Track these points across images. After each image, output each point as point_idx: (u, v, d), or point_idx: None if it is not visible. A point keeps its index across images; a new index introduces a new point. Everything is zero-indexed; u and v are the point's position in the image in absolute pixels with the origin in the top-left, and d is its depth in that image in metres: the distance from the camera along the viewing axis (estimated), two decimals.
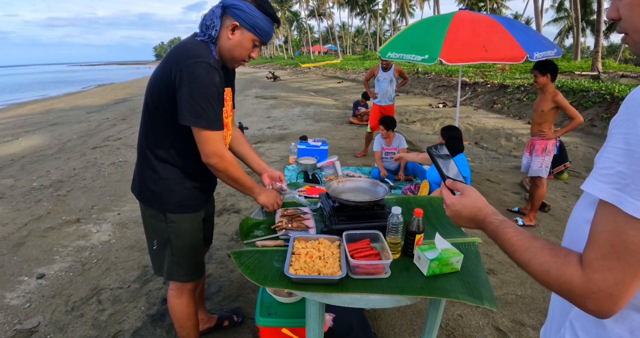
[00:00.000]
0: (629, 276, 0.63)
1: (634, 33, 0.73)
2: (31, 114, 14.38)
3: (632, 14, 0.72)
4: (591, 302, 0.66)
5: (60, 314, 2.68)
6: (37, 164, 6.69)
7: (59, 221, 4.26)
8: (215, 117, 1.60)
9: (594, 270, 0.66)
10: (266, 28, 1.63)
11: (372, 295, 1.39)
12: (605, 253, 0.65)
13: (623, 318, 0.71)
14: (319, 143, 6.01)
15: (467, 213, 0.97)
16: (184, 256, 1.87)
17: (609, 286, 0.64)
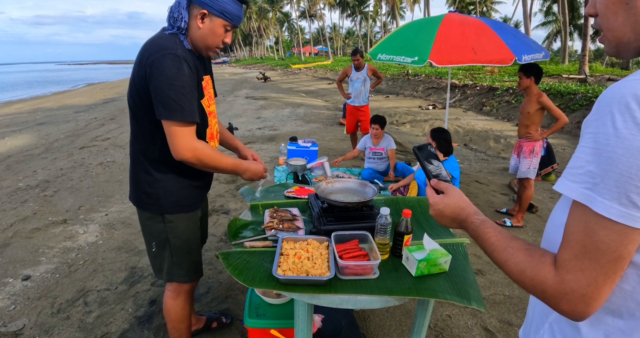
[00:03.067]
0: (601, 277, 0.63)
1: (608, 31, 0.75)
2: (18, 113, 14.17)
3: (607, 11, 0.73)
4: (564, 303, 0.67)
5: (46, 316, 2.64)
6: (23, 164, 6.60)
7: (45, 222, 4.21)
8: (190, 108, 1.56)
9: (566, 270, 0.66)
10: (235, 11, 1.60)
11: (361, 296, 1.39)
12: (577, 254, 0.65)
13: (598, 323, 0.71)
14: (309, 144, 6.00)
15: (449, 212, 0.98)
16: (184, 256, 1.86)
17: (581, 287, 0.65)
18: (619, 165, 0.60)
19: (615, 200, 0.61)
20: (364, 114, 6.35)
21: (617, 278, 0.64)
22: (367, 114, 6.38)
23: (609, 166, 0.61)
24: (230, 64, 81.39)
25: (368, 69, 6.12)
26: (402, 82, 18.93)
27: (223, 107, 13.63)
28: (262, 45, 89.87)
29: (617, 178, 0.60)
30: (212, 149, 1.66)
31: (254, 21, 73.39)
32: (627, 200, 0.60)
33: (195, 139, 1.61)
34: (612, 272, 0.63)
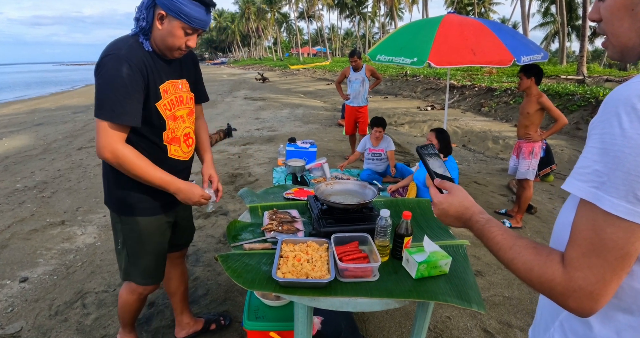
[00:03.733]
0: (608, 274, 0.65)
1: (612, 36, 0.77)
2: (16, 114, 14.14)
3: (612, 17, 0.75)
4: (572, 300, 0.68)
5: (44, 319, 2.62)
6: (21, 165, 6.58)
7: (43, 223, 4.19)
8: (121, 109, 1.54)
9: (574, 268, 0.67)
10: (194, 14, 1.55)
11: (361, 299, 1.38)
12: (585, 252, 0.66)
13: (609, 320, 0.72)
14: (308, 145, 6.00)
15: (453, 211, 0.98)
16: (139, 258, 1.86)
17: (589, 284, 0.66)
18: (626, 164, 0.61)
19: (623, 198, 0.62)
20: (362, 114, 6.35)
21: (624, 275, 0.65)
22: (366, 114, 6.38)
23: (615, 165, 0.63)
24: (229, 64, 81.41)
25: (366, 70, 6.12)
26: (400, 82, 18.94)
27: (221, 107, 13.62)
28: (261, 45, 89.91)
29: (624, 177, 0.62)
30: (138, 157, 1.61)
31: (252, 22, 73.41)
32: (634, 198, 0.61)
33: (120, 141, 1.58)
34: (620, 269, 0.64)
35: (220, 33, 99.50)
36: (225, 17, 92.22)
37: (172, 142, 1.79)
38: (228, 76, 35.89)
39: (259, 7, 69.56)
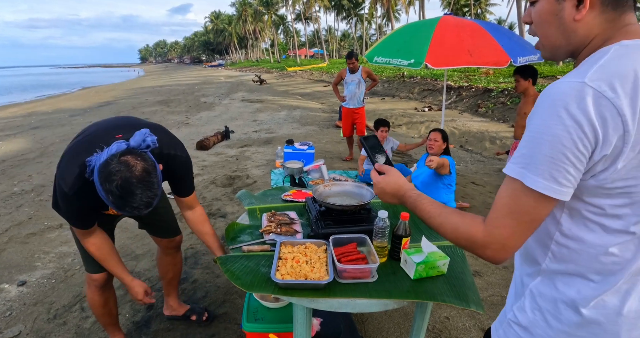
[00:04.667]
0: (518, 232, 0.82)
1: (543, 37, 0.90)
2: (12, 117, 14.10)
3: (541, 20, 0.88)
4: (490, 250, 0.85)
5: (42, 322, 2.62)
6: (18, 168, 6.56)
7: (41, 227, 4.18)
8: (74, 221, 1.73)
9: (493, 226, 0.84)
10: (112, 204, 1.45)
11: (360, 300, 1.39)
12: (503, 214, 0.83)
13: (571, 283, 0.86)
14: (305, 147, 6.01)
15: (390, 189, 1.15)
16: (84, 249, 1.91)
17: (503, 238, 0.82)
18: (545, 149, 0.76)
19: (540, 176, 0.77)
20: (359, 116, 6.36)
21: (529, 234, 0.83)
22: (363, 116, 6.38)
23: (540, 150, 0.77)
24: (226, 66, 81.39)
25: (363, 71, 6.13)
26: (397, 84, 18.97)
27: (219, 110, 13.62)
28: (258, 48, 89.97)
29: (543, 159, 0.76)
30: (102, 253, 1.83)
31: (249, 24, 73.49)
32: (549, 176, 0.76)
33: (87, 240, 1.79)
34: (527, 229, 0.82)
35: (217, 35, 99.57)
36: (222, 19, 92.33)
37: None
38: (225, 78, 35.88)
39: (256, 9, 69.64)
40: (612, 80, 0.73)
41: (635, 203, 0.78)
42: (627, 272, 0.82)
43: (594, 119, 0.72)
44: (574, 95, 0.74)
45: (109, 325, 2.26)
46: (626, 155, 0.74)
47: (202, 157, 6.97)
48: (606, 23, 0.82)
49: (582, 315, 0.84)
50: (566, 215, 0.85)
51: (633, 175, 0.76)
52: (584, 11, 0.81)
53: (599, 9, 0.82)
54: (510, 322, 0.97)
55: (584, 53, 0.85)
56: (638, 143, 0.74)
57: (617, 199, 0.78)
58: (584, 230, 0.83)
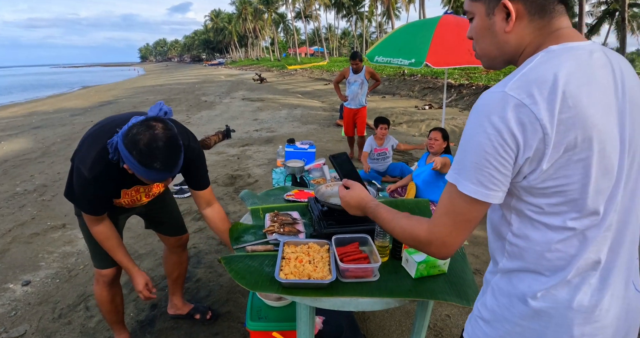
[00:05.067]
0: (455, 230, 0.90)
1: (480, 50, 0.98)
2: (13, 117, 14.13)
3: (477, 36, 0.96)
4: (433, 247, 0.94)
5: (47, 322, 2.65)
6: (20, 168, 6.59)
7: (44, 227, 4.21)
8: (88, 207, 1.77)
9: (434, 225, 0.93)
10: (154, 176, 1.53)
11: (362, 298, 1.41)
12: (442, 214, 0.91)
13: (524, 279, 0.91)
14: (307, 146, 6.01)
15: (354, 202, 1.27)
16: (94, 245, 1.99)
17: (443, 236, 0.91)
18: (471, 156, 0.83)
19: (468, 180, 0.84)
20: (360, 116, 6.37)
21: (468, 232, 0.91)
22: (364, 116, 6.39)
23: (467, 157, 0.84)
24: (226, 65, 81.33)
25: (366, 72, 6.12)
26: (398, 82, 18.97)
27: (220, 109, 13.64)
28: (258, 46, 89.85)
29: (469, 166, 0.83)
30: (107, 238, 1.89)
31: (249, 22, 73.41)
32: (477, 181, 0.83)
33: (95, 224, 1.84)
34: (463, 228, 0.89)
35: (217, 34, 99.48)
36: (222, 18, 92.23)
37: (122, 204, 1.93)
38: (226, 77, 35.86)
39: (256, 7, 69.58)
40: (530, 87, 0.78)
41: (571, 201, 0.82)
42: (573, 267, 0.85)
43: (512, 126, 0.78)
44: (495, 104, 0.80)
45: (114, 323, 2.29)
46: (549, 157, 0.79)
47: None
48: (536, 31, 0.88)
49: (532, 307, 0.88)
50: (515, 216, 0.90)
51: (562, 175, 0.80)
52: (511, 23, 0.88)
53: (527, 18, 0.87)
54: (476, 317, 1.02)
55: (520, 61, 0.91)
56: (559, 144, 0.78)
57: (552, 198, 0.83)
58: (530, 229, 0.88)
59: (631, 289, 0.93)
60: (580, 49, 0.84)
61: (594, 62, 0.82)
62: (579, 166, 0.80)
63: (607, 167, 0.81)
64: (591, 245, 0.84)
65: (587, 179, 0.80)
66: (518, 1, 0.86)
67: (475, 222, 0.89)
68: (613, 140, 0.81)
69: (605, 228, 0.84)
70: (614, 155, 0.82)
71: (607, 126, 0.80)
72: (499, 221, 0.95)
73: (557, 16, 0.87)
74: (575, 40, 0.86)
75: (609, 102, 0.81)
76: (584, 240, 0.84)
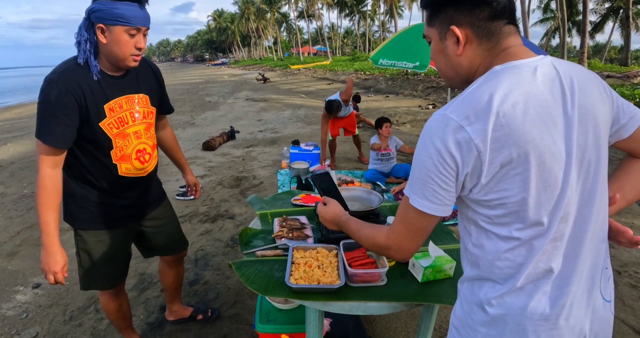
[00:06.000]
0: (409, 237, 0.98)
1: (439, 71, 1.05)
2: (18, 118, 14.23)
3: (434, 58, 1.04)
4: (391, 251, 1.04)
5: (59, 324, 2.69)
6: (27, 170, 6.64)
7: None
8: (46, 131, 1.59)
9: (391, 231, 1.02)
10: (130, 13, 1.56)
11: (370, 303, 1.44)
12: (397, 222, 1.00)
13: (481, 286, 0.96)
14: (311, 147, 6.06)
15: (329, 217, 1.38)
16: (89, 269, 1.93)
17: (398, 241, 1.01)
18: (417, 173, 0.91)
19: (416, 194, 0.92)
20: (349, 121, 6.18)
21: (421, 239, 0.98)
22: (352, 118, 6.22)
23: (414, 174, 0.92)
24: (229, 65, 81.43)
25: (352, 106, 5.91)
26: (401, 81, 18.99)
27: (223, 109, 13.69)
28: (261, 46, 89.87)
29: (416, 182, 0.92)
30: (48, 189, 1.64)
31: (252, 22, 73.44)
32: (422, 195, 0.91)
33: (47, 164, 1.64)
34: (415, 235, 0.98)
35: (220, 34, 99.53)
36: (225, 17, 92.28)
37: (122, 160, 1.80)
38: (229, 77, 35.93)
39: (259, 7, 69.57)
40: (467, 109, 0.84)
41: (513, 213, 0.87)
42: (522, 274, 0.89)
43: (450, 146, 0.84)
44: (436, 126, 0.87)
45: (123, 329, 2.31)
46: (486, 172, 0.84)
47: (208, 158, 7.03)
48: (485, 52, 0.93)
49: (489, 314, 0.93)
50: (473, 226, 0.96)
51: (502, 188, 0.85)
52: (461, 47, 0.94)
53: (476, 41, 0.93)
54: (450, 325, 1.08)
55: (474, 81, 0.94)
56: (495, 160, 0.83)
57: (496, 210, 0.88)
58: (484, 238, 0.93)
59: (598, 299, 0.95)
60: (524, 67, 0.87)
61: (537, 79, 0.85)
62: (516, 180, 0.84)
63: (549, 180, 0.84)
64: (538, 254, 0.87)
65: (526, 192, 0.84)
66: (466, 26, 0.92)
67: (426, 231, 0.97)
68: (555, 153, 0.84)
69: (553, 238, 0.87)
70: (557, 168, 0.84)
71: (547, 140, 0.83)
72: (462, 231, 1.01)
73: (505, 37, 0.92)
74: (521, 58, 0.89)
75: (551, 116, 0.84)
76: (531, 249, 0.88)
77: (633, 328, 2.55)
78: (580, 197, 0.89)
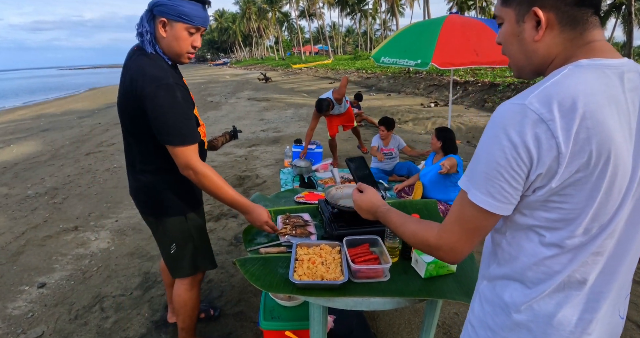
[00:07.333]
0: (463, 237, 0.90)
1: (509, 57, 0.96)
2: (21, 120, 14.29)
3: (505, 42, 0.94)
4: (442, 252, 0.94)
5: (64, 323, 2.71)
6: (30, 171, 6.68)
7: (57, 229, 4.28)
8: (188, 131, 1.66)
9: (444, 230, 0.93)
10: (193, 12, 1.61)
11: (373, 298, 1.45)
12: (452, 220, 0.92)
13: (506, 288, 0.93)
14: (314, 146, 6.07)
15: (365, 206, 1.29)
16: (205, 247, 2.04)
17: (451, 242, 0.92)
18: (482, 167, 0.83)
19: (478, 190, 0.84)
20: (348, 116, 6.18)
21: (476, 240, 0.90)
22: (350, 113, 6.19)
23: (478, 167, 0.84)
24: (231, 65, 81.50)
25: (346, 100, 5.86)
26: (403, 79, 18.97)
27: (226, 109, 13.71)
28: (262, 45, 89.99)
29: (481, 176, 0.83)
30: (216, 175, 1.73)
31: (253, 22, 73.47)
32: (486, 191, 0.83)
33: (197, 160, 1.69)
34: (472, 235, 0.89)
35: (221, 34, 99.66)
36: (226, 17, 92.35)
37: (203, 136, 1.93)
38: (231, 77, 35.99)
39: (260, 6, 69.63)
40: (551, 102, 0.76)
41: (568, 220, 0.81)
42: (555, 282, 0.86)
43: (529, 141, 0.76)
44: (513, 117, 0.78)
45: (193, 330, 2.22)
46: (560, 176, 0.77)
47: (211, 157, 7.05)
48: (566, 42, 0.84)
49: (512, 319, 0.91)
50: (511, 224, 0.90)
51: (568, 193, 0.79)
52: (541, 32, 0.84)
53: (558, 28, 0.83)
54: (467, 323, 1.06)
55: (548, 72, 0.88)
56: (572, 165, 0.76)
57: (551, 213, 0.82)
58: (524, 239, 0.88)
59: (615, 316, 0.94)
60: (612, 68, 0.79)
61: (624, 85, 0.79)
62: (586, 188, 0.78)
63: (613, 194, 0.79)
64: (577, 264, 0.84)
65: (591, 202, 0.79)
66: (550, 10, 0.82)
67: (484, 231, 0.89)
68: (626, 167, 0.79)
69: (596, 252, 0.84)
70: (623, 183, 0.80)
71: (624, 153, 0.77)
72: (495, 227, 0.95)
73: (591, 28, 0.83)
74: (607, 56, 0.81)
75: (629, 128, 0.79)
76: (572, 258, 0.84)
77: (636, 324, 2.55)
78: (630, 216, 0.84)
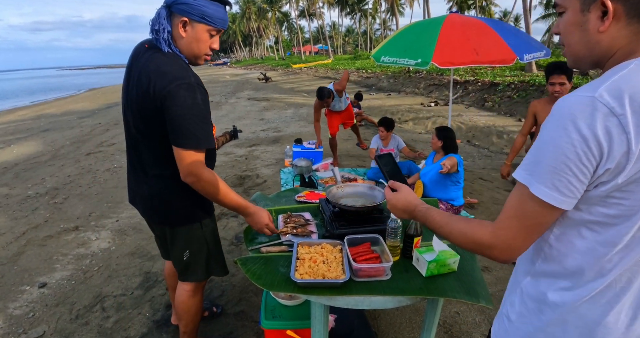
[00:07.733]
0: (522, 234, 0.86)
1: (567, 46, 0.92)
2: (21, 120, 14.28)
3: (566, 31, 0.90)
4: (496, 250, 0.90)
5: (65, 323, 2.71)
6: (31, 172, 6.68)
7: (57, 229, 4.28)
8: (203, 135, 1.58)
9: (500, 227, 0.88)
10: (216, 14, 1.57)
11: (375, 297, 1.45)
12: (510, 216, 0.87)
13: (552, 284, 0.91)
14: (314, 145, 6.08)
15: (400, 205, 1.24)
16: (219, 253, 2.03)
17: (508, 239, 0.87)
18: (548, 160, 0.79)
19: (543, 184, 0.80)
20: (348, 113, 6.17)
21: (535, 237, 0.87)
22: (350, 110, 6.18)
23: (542, 159, 0.81)
24: (231, 65, 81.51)
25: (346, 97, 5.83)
26: (403, 79, 18.96)
27: (226, 109, 13.71)
28: (262, 45, 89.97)
29: (547, 169, 0.80)
30: (219, 181, 1.67)
31: (253, 21, 73.44)
32: (552, 185, 0.79)
33: (202, 166, 1.61)
34: (531, 232, 0.86)
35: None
36: None
37: None
38: (231, 77, 35.98)
39: (260, 6, 69.58)
40: (622, 96, 0.74)
41: (626, 215, 0.79)
42: (606, 281, 0.84)
43: (599, 134, 0.74)
44: (582, 109, 0.75)
45: (195, 333, 2.20)
46: (628, 172, 0.75)
47: None
48: (632, 35, 0.81)
49: (559, 315, 0.90)
50: (561, 219, 0.88)
51: (631, 190, 0.77)
52: (607, 23, 0.81)
53: (625, 21, 0.80)
54: (503, 315, 1.04)
55: (608, 65, 0.86)
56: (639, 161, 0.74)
57: (610, 209, 0.80)
58: (576, 237, 0.86)
59: None
60: None
61: None
62: None
63: None
64: (630, 263, 0.83)
65: None
66: (617, 1, 0.79)
67: (544, 227, 0.86)
68: None
69: None
70: None
71: None
72: None
73: None
74: None
75: None
76: (625, 256, 0.82)
77: None
78: None
